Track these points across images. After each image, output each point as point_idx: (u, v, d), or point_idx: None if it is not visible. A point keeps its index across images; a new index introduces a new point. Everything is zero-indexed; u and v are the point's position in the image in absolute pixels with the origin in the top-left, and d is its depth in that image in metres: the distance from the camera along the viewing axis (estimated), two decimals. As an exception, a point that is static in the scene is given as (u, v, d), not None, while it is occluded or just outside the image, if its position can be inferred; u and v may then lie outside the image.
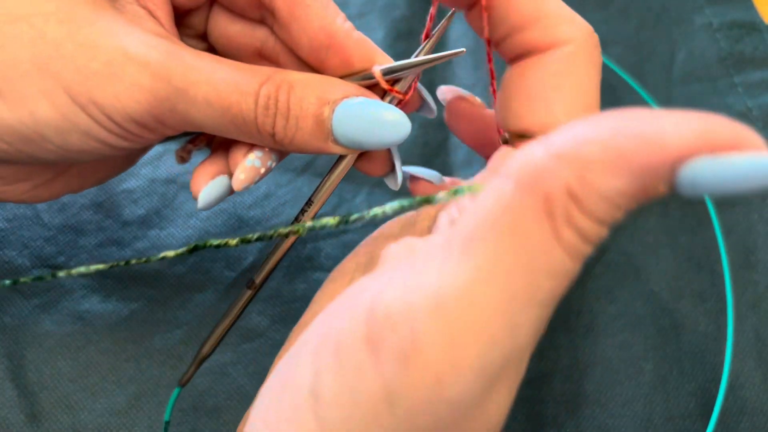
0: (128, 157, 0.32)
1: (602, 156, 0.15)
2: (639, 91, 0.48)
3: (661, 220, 0.44)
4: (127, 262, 0.26)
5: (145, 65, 0.24)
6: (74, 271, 0.24)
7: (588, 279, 0.41)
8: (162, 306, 0.38)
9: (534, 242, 0.16)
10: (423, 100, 0.30)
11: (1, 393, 0.35)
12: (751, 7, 0.52)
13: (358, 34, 0.27)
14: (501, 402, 0.18)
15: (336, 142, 0.26)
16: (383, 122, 0.26)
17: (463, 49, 0.27)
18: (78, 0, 0.25)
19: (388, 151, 0.30)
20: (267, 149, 0.28)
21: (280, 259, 0.30)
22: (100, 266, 0.25)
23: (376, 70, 0.27)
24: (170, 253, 0.25)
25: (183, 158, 0.32)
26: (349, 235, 0.42)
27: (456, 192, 0.20)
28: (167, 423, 0.32)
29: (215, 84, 0.25)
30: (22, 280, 0.28)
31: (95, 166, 0.31)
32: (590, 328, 0.40)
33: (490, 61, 0.27)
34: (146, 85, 0.24)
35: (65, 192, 0.30)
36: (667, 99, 0.48)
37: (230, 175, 0.29)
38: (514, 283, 0.16)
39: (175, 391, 0.31)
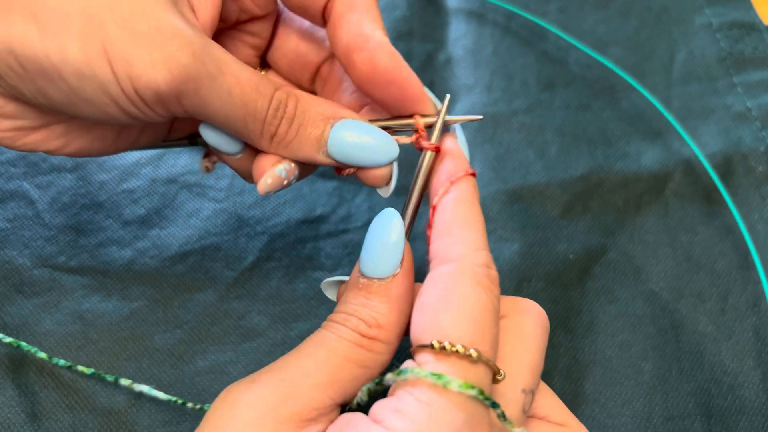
0: (116, 141, 0.32)
1: None
2: (639, 89, 0.48)
3: (661, 220, 0.44)
4: (184, 403, 0.34)
5: (189, 43, 0.26)
6: None
7: (588, 279, 0.41)
8: (162, 305, 0.38)
9: None
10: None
11: (1, 393, 0.35)
12: (750, 8, 0.52)
13: (391, 48, 0.29)
14: None
15: (327, 155, 0.30)
16: (372, 144, 0.29)
17: (481, 116, 0.31)
18: None
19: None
20: (293, 164, 0.30)
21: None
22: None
23: (420, 121, 0.30)
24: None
25: (208, 168, 0.34)
26: (349, 235, 0.42)
27: (400, 373, 0.24)
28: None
29: (241, 79, 0.27)
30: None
31: (81, 132, 0.31)
32: (590, 328, 0.40)
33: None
34: (184, 61, 0.26)
35: (40, 147, 0.30)
36: (667, 99, 0.48)
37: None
38: None
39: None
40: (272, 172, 0.30)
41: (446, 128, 0.31)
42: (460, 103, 0.48)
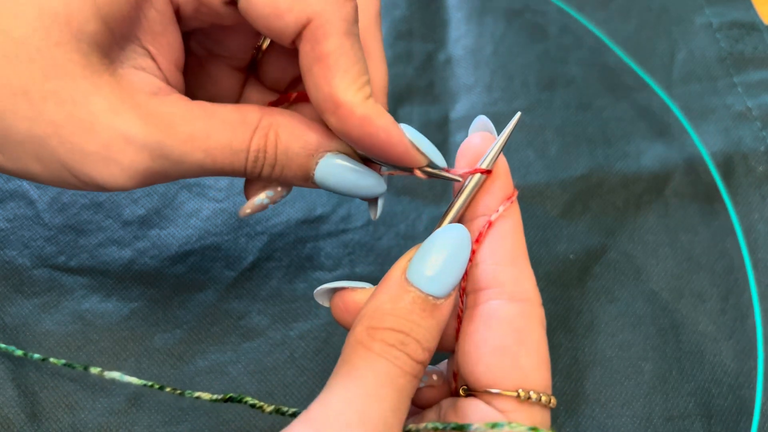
0: None
1: None
2: (643, 76, 0.48)
3: (661, 219, 0.44)
4: (161, 387, 0.33)
5: (143, 147, 0.25)
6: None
7: (588, 278, 0.41)
8: (162, 305, 0.38)
9: None
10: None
11: (1, 393, 0.35)
12: (750, 7, 0.52)
13: (364, 110, 0.26)
14: None
15: (315, 183, 0.29)
16: (358, 184, 0.28)
17: (460, 179, 0.28)
18: (76, 73, 0.25)
19: None
20: (280, 188, 0.30)
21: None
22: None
23: (419, 172, 0.28)
24: (205, 395, 0.32)
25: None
26: (349, 235, 0.42)
27: (494, 425, 0.24)
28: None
29: (210, 150, 0.26)
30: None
31: None
32: (590, 328, 0.40)
33: (461, 313, 0.28)
34: (142, 166, 0.25)
35: None
36: (667, 99, 0.48)
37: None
38: None
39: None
40: (252, 202, 0.30)
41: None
42: (460, 103, 0.48)
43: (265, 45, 0.32)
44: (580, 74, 0.49)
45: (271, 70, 0.32)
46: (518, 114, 0.28)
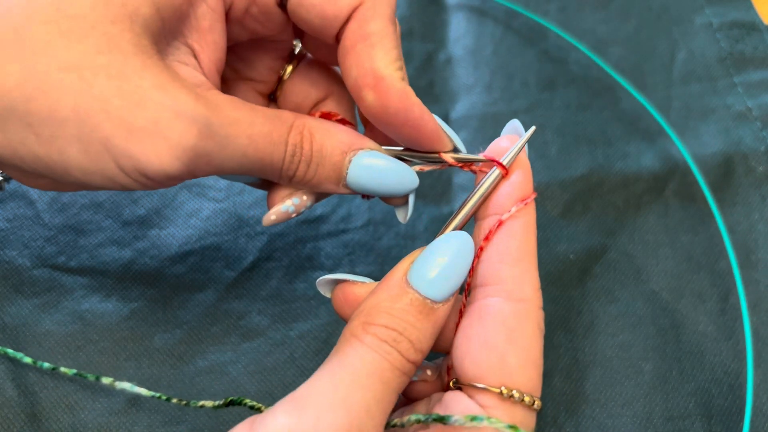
0: None
1: None
2: (635, 94, 0.48)
3: (662, 220, 0.44)
4: (168, 399, 0.34)
5: (193, 121, 0.25)
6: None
7: (588, 279, 0.41)
8: (162, 305, 0.38)
9: None
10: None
11: (1, 393, 0.35)
12: (751, 7, 0.52)
13: (403, 86, 0.28)
14: None
15: (347, 186, 0.29)
16: (390, 180, 0.29)
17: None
18: (128, 51, 0.25)
19: None
20: (305, 197, 0.30)
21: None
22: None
23: (447, 157, 0.29)
24: (208, 404, 0.32)
25: None
26: (349, 235, 0.42)
27: (474, 419, 0.24)
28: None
29: (254, 137, 0.27)
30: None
31: None
32: (590, 328, 0.40)
33: (463, 307, 0.28)
34: (190, 143, 0.25)
35: (84, 189, 0.30)
36: (667, 99, 0.48)
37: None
38: None
39: None
40: (278, 209, 0.30)
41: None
42: (460, 103, 0.48)
43: (286, 75, 0.33)
44: (580, 74, 0.49)
45: (291, 95, 0.33)
46: (532, 128, 0.29)
